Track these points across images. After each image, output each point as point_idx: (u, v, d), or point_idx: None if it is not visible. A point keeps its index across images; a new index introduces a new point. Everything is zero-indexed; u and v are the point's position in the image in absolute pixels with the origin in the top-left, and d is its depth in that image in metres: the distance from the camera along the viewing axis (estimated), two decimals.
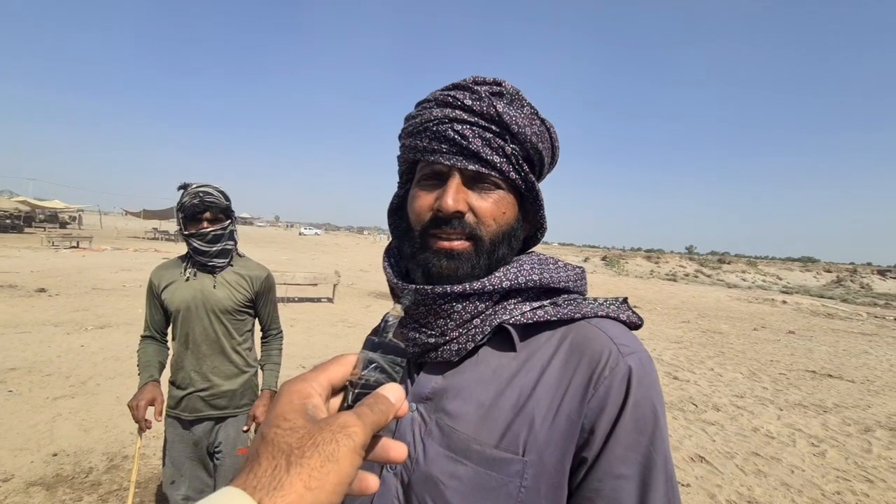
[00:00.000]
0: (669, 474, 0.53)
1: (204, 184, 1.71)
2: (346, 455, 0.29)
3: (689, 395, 5.40)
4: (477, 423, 0.56)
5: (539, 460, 0.53)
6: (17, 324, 6.23)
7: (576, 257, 43.75)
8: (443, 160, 0.58)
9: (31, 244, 18.90)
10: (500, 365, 0.59)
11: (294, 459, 0.28)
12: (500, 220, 0.60)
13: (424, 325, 0.61)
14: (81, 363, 4.85)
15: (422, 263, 0.60)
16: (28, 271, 11.14)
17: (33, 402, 3.78)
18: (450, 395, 0.59)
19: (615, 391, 0.53)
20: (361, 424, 0.31)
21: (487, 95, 0.58)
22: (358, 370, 0.37)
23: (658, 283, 25.83)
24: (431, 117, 0.59)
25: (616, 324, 0.60)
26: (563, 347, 0.58)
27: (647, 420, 0.52)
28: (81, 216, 42.33)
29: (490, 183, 0.59)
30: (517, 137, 0.59)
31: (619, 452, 0.51)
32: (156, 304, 1.81)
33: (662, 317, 12.30)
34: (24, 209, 29.86)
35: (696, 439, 4.06)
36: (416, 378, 0.63)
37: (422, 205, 0.60)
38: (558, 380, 0.56)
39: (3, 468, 2.81)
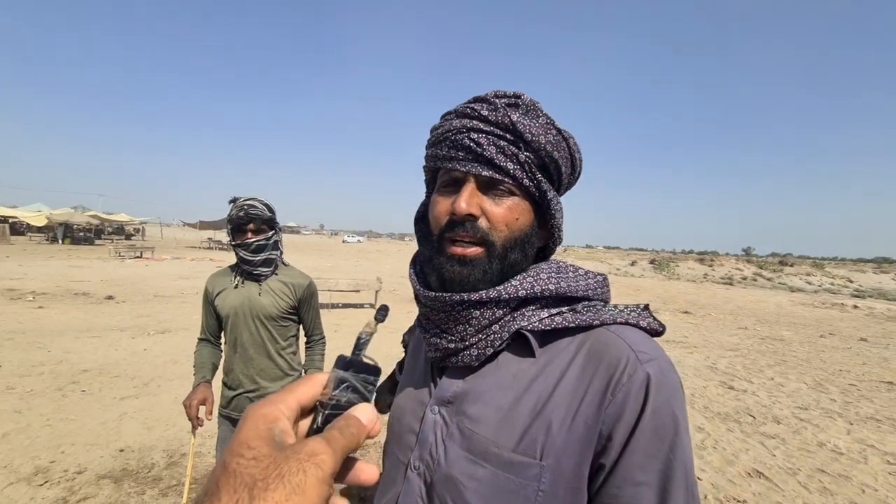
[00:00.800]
0: (690, 483, 0.52)
1: (250, 197, 1.81)
2: (313, 486, 0.27)
3: (747, 405, 5.08)
4: (496, 427, 0.57)
5: (556, 465, 0.53)
6: (90, 328, 6.78)
7: (622, 261, 42.39)
8: (459, 167, 0.60)
9: (100, 255, 20.57)
10: (520, 370, 0.60)
11: (257, 493, 0.26)
12: (512, 226, 0.61)
13: (445, 331, 0.62)
14: (144, 366, 5.21)
15: (436, 268, 0.62)
16: (98, 280, 12.12)
17: (103, 402, 4.11)
18: (470, 398, 0.61)
19: (633, 398, 0.53)
20: (331, 451, 0.29)
21: (503, 106, 0.60)
22: (329, 390, 0.35)
23: (712, 287, 24.52)
24: (451, 128, 0.62)
25: (636, 330, 0.60)
26: (582, 353, 0.58)
27: (666, 428, 0.52)
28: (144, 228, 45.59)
29: (504, 189, 0.61)
30: (531, 145, 0.60)
31: (638, 459, 0.51)
32: (210, 310, 1.93)
33: (716, 323, 11.65)
34: (94, 223, 32.56)
35: (754, 453, 3.81)
36: (439, 382, 0.65)
37: (440, 210, 0.62)
38: (576, 385, 0.56)
39: (77, 461, 3.06)
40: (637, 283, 24.96)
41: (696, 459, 3.65)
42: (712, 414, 4.75)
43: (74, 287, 10.60)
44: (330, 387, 0.35)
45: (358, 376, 0.37)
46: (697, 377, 6.17)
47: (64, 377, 4.66)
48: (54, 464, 3.01)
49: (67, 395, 4.21)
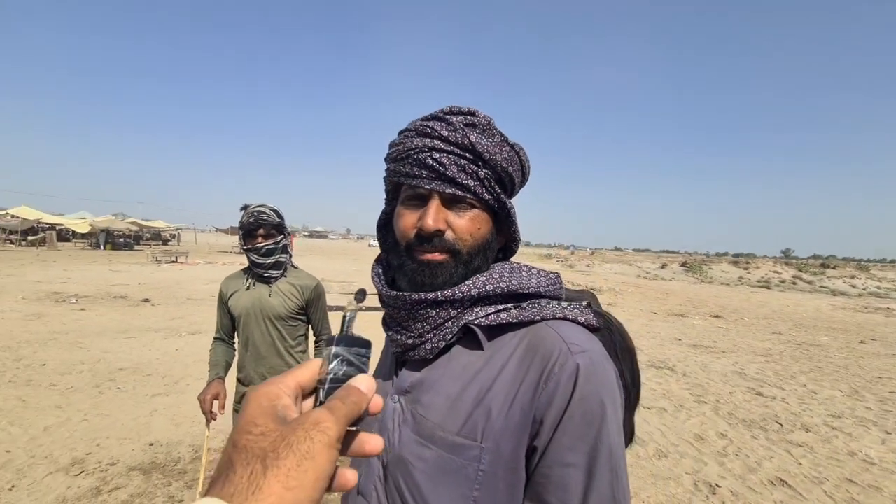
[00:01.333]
0: (614, 464, 0.56)
1: (260, 204, 1.92)
2: (321, 451, 0.29)
3: (774, 412, 4.90)
4: (444, 413, 0.62)
5: (495, 447, 0.58)
6: (126, 329, 7.15)
7: (652, 264, 41.39)
8: (424, 185, 0.65)
9: (139, 260, 21.55)
10: (469, 362, 0.65)
11: (269, 462, 0.27)
12: (475, 235, 0.67)
13: (404, 328, 0.69)
14: (175, 365, 5.46)
15: (408, 274, 0.67)
16: (136, 284, 12.73)
17: (136, 398, 4.33)
18: (424, 387, 0.66)
19: (563, 386, 0.57)
20: (334, 418, 0.30)
21: (461, 126, 0.65)
22: (325, 367, 0.37)
23: (746, 291, 23.65)
24: (413, 146, 0.66)
25: (572, 325, 0.64)
26: (521, 347, 0.63)
27: (594, 414, 0.56)
28: (180, 234, 47.48)
29: (466, 203, 0.66)
30: (489, 163, 0.66)
31: (567, 442, 0.56)
32: (224, 311, 2.04)
33: (748, 327, 11.25)
34: (134, 229, 34.17)
35: (779, 461, 3.69)
36: (400, 374, 0.71)
37: (406, 223, 0.67)
38: (514, 375, 0.61)
39: (110, 454, 3.25)
40: (666, 286, 24.31)
41: (716, 466, 3.56)
42: (737, 420, 4.61)
43: (114, 290, 11.18)
44: (326, 364, 0.37)
45: (350, 350, 0.38)
46: (724, 383, 5.99)
47: (101, 375, 4.94)
48: (90, 456, 3.21)
49: (104, 391, 4.47)
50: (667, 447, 3.87)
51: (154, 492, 2.81)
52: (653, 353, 7.61)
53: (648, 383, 5.74)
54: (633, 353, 1.78)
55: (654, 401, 5.09)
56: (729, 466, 3.57)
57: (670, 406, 4.96)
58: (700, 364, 6.99)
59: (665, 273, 35.78)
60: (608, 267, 39.92)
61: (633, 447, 3.74)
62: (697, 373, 6.45)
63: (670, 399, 5.20)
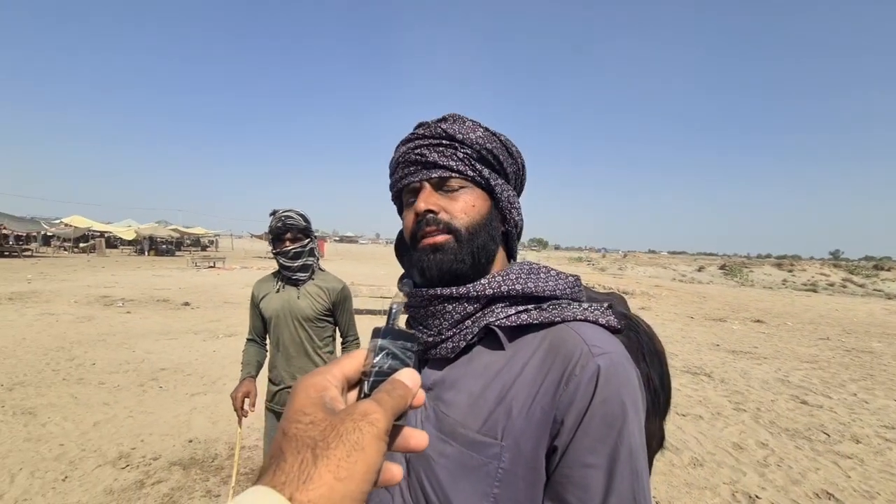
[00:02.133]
0: (635, 466, 0.56)
1: (288, 209, 1.99)
2: (371, 442, 0.28)
3: (821, 422, 4.65)
4: (465, 411, 0.64)
5: (515, 446, 0.59)
6: (168, 331, 7.49)
7: (688, 266, 39.97)
8: (414, 178, 0.70)
9: (179, 265, 22.55)
10: (491, 361, 0.66)
11: (320, 452, 0.27)
12: (470, 213, 0.69)
13: (424, 325, 0.71)
14: (213, 366, 5.68)
15: (416, 263, 0.70)
16: (177, 288, 13.32)
17: (176, 397, 4.54)
18: (446, 385, 0.68)
19: (584, 388, 0.58)
20: (382, 410, 0.30)
21: (434, 123, 0.72)
22: (370, 360, 0.37)
23: (790, 295, 22.48)
24: (401, 151, 0.73)
25: (593, 327, 0.65)
26: (542, 347, 0.64)
27: (615, 415, 0.56)
28: (218, 240, 49.36)
29: (455, 185, 0.70)
30: (464, 143, 0.70)
31: (588, 443, 0.56)
32: (255, 312, 2.12)
33: (793, 333, 10.70)
34: (175, 236, 35.77)
35: (825, 473, 3.49)
36: (423, 372, 0.73)
37: (409, 219, 0.71)
38: (535, 376, 0.62)
39: (153, 449, 3.42)
40: (703, 289, 23.42)
41: (756, 476, 3.41)
42: (779, 430, 4.40)
43: (157, 294, 11.74)
44: (371, 356, 0.37)
45: (396, 343, 0.38)
46: (765, 390, 5.73)
47: (145, 374, 5.20)
48: (134, 450, 3.38)
49: (147, 390, 4.70)
50: (703, 456, 3.74)
51: (193, 486, 2.93)
52: (688, 358, 7.36)
53: (683, 389, 5.55)
54: (662, 357, 1.72)
55: (689, 407, 4.92)
56: (770, 477, 3.41)
57: (707, 413, 4.78)
58: (739, 370, 6.71)
59: (702, 276, 34.46)
60: (641, 270, 38.83)
61: (667, 454, 3.63)
62: (736, 379, 6.19)
63: (707, 406, 5.01)
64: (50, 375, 5.00)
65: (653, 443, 1.55)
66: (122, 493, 2.82)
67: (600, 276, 30.40)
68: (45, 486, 2.86)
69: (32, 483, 2.89)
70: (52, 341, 6.46)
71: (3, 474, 2.97)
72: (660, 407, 1.52)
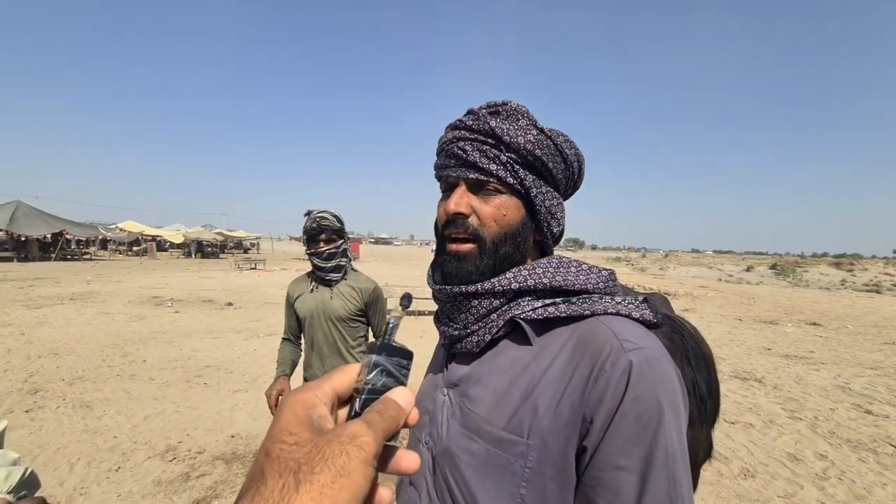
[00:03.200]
0: (672, 470, 0.51)
1: (322, 210, 2.01)
2: (357, 468, 0.27)
3: (888, 433, 4.28)
4: (491, 407, 0.62)
5: (542, 445, 0.56)
6: (212, 330, 7.82)
7: (735, 266, 38.19)
8: (451, 173, 0.68)
9: (223, 267, 23.56)
10: (517, 356, 0.64)
11: (303, 476, 0.26)
12: (500, 222, 0.66)
13: (451, 320, 0.69)
14: (253, 364, 5.87)
15: (439, 265, 0.70)
16: (221, 289, 13.89)
17: (220, 394, 4.71)
18: (472, 381, 0.66)
19: (614, 385, 0.54)
20: (372, 433, 0.29)
21: (484, 115, 0.67)
22: (363, 375, 0.35)
23: (850, 296, 20.96)
24: (445, 139, 0.70)
25: (626, 321, 0.60)
26: (571, 342, 0.60)
27: (650, 415, 0.52)
28: (259, 242, 51.29)
29: (492, 188, 0.66)
30: (511, 146, 0.65)
31: (619, 444, 0.52)
32: (290, 312, 2.16)
33: (853, 336, 9.96)
34: (219, 239, 37.42)
35: (894, 489, 3.20)
36: (449, 367, 0.71)
37: (440, 212, 0.70)
38: (563, 372, 0.58)
39: (198, 443, 3.56)
40: (752, 290, 22.22)
41: (815, 490, 3.18)
42: (840, 440, 4.08)
43: (203, 295, 12.29)
44: (364, 372, 0.35)
45: (391, 360, 0.36)
46: (823, 398, 5.34)
47: (191, 371, 5.44)
48: (181, 444, 3.53)
49: (193, 386, 4.91)
50: (754, 466, 3.51)
51: (234, 481, 3.02)
52: (737, 362, 6.98)
53: (732, 395, 5.27)
54: (710, 362, 1.61)
55: (738, 415, 4.66)
56: (830, 492, 3.16)
57: (758, 421, 4.50)
58: (794, 376, 6.30)
59: (751, 276, 32.73)
60: (684, 270, 37.31)
61: (714, 464, 3.44)
62: (791, 386, 5.81)
63: (758, 413, 4.73)
64: (105, 371, 5.31)
65: (700, 452, 1.45)
66: (170, 484, 2.94)
67: (640, 276, 29.45)
68: (100, 476, 3.02)
69: (89, 472, 3.06)
70: (108, 339, 6.87)
71: (63, 463, 3.17)
72: (707, 415, 1.42)
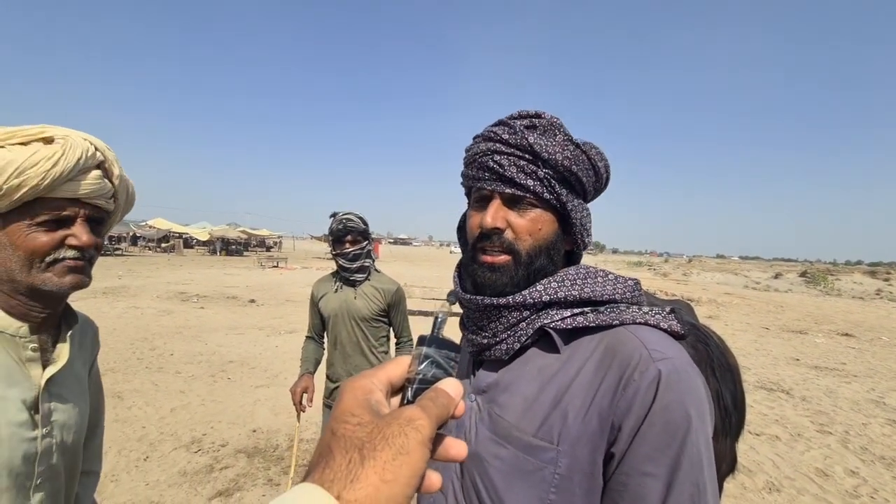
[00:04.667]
0: (698, 480, 0.52)
1: (347, 212, 2.06)
2: (416, 448, 0.29)
3: None
4: (520, 414, 0.63)
5: (571, 451, 0.57)
6: (236, 327, 8.01)
7: (763, 273, 37.00)
8: (486, 186, 0.68)
9: (247, 265, 24.07)
10: (545, 364, 0.65)
11: (367, 453, 0.28)
12: (536, 236, 0.67)
13: (480, 328, 0.70)
14: (275, 360, 5.99)
15: (471, 273, 0.70)
16: (245, 286, 14.21)
17: (242, 388, 4.83)
18: (501, 388, 0.67)
19: (643, 393, 0.55)
20: (427, 417, 0.31)
21: (521, 129, 0.66)
22: (414, 367, 0.37)
23: (886, 306, 20.09)
24: (478, 150, 0.70)
25: (653, 331, 0.62)
26: (599, 350, 0.61)
27: (678, 424, 0.53)
28: (281, 241, 52.24)
29: (527, 203, 0.67)
30: (548, 163, 0.65)
31: (646, 451, 0.54)
32: (315, 311, 2.21)
33: (889, 349, 9.55)
34: (243, 237, 38.26)
35: None
36: (477, 374, 0.72)
37: (472, 223, 0.71)
38: (591, 380, 0.59)
39: (222, 436, 3.66)
40: (781, 298, 21.53)
41: None
42: (873, 457, 3.93)
43: (227, 292, 12.60)
44: (415, 364, 0.37)
45: (440, 352, 0.38)
46: (855, 412, 5.15)
47: (215, 366, 5.59)
48: (205, 436, 3.64)
49: (217, 381, 5.04)
50: (780, 480, 3.42)
51: (256, 474, 3.10)
52: (763, 373, 6.78)
53: (757, 406, 5.12)
54: (735, 372, 1.57)
55: (764, 427, 4.53)
56: None
57: (785, 434, 4.37)
58: (823, 388, 6.08)
59: (779, 283, 31.71)
60: (708, 276, 36.39)
61: (738, 476, 3.35)
62: (820, 398, 5.62)
63: (785, 426, 4.59)
64: (135, 364, 5.50)
65: (722, 465, 1.42)
66: (195, 475, 3.03)
67: (662, 281, 28.88)
68: (130, 465, 3.14)
69: (119, 461, 3.18)
70: (137, 332, 7.11)
71: None
72: (731, 427, 1.39)
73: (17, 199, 0.71)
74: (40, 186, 0.72)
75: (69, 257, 0.77)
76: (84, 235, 0.78)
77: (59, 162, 0.73)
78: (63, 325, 0.88)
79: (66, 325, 0.88)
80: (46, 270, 0.76)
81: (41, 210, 0.74)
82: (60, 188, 0.74)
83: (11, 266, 0.74)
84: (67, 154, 0.74)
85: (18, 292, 0.77)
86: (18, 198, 0.71)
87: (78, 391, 0.89)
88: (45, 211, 0.74)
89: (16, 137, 0.73)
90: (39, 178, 0.71)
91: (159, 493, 2.81)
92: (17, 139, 0.73)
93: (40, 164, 0.71)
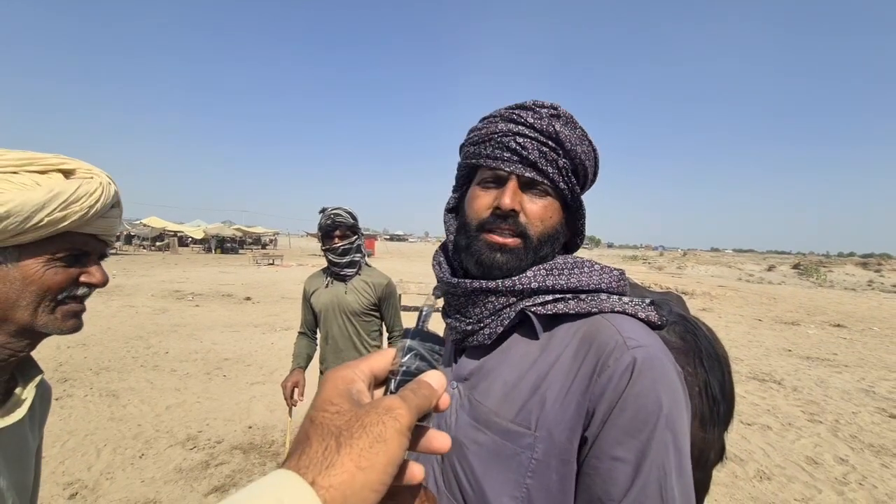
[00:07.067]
0: (663, 464, 0.53)
1: (336, 207, 2.06)
2: (393, 436, 0.29)
3: None
4: (500, 400, 0.64)
5: (549, 436, 0.59)
6: (232, 324, 7.99)
7: (756, 266, 37.30)
8: (504, 166, 0.67)
9: (242, 262, 23.97)
10: (526, 351, 0.66)
11: (344, 440, 0.28)
12: (546, 223, 0.68)
13: (463, 315, 0.71)
14: (270, 357, 6.00)
15: (475, 254, 0.68)
16: (240, 284, 14.17)
17: (238, 385, 4.83)
18: (482, 374, 0.68)
19: (616, 379, 0.56)
20: (406, 407, 0.31)
21: (547, 116, 0.67)
22: (398, 359, 0.38)
23: (877, 297, 20.28)
24: (497, 129, 0.68)
25: (630, 320, 0.63)
26: (577, 338, 0.62)
27: (649, 411, 0.54)
28: (276, 238, 52.06)
29: (541, 190, 0.67)
30: (570, 153, 0.67)
31: (616, 436, 0.55)
32: (307, 307, 2.22)
33: (880, 339, 9.66)
34: (238, 235, 38.07)
35: None
36: (458, 361, 0.73)
37: (481, 203, 0.69)
38: (569, 366, 0.61)
39: (217, 433, 3.66)
40: (774, 290, 21.68)
41: (834, 495, 3.12)
42: (862, 445, 3.99)
43: (222, 289, 12.56)
44: (399, 356, 0.38)
45: (424, 345, 0.39)
46: (845, 401, 5.22)
47: (211, 363, 5.58)
48: (201, 433, 3.64)
49: (213, 378, 5.04)
50: (770, 469, 3.47)
51: (252, 469, 3.11)
52: (755, 363, 6.85)
53: (749, 397, 5.18)
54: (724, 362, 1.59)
55: (755, 416, 4.59)
56: (850, 496, 3.10)
57: (776, 423, 4.43)
58: (815, 378, 6.16)
59: (773, 276, 31.91)
60: (703, 269, 36.57)
61: (729, 465, 3.40)
62: (811, 388, 5.68)
63: (776, 416, 4.65)
64: (130, 362, 5.49)
65: (711, 454, 1.44)
66: (190, 472, 3.04)
67: (657, 275, 28.99)
68: (125, 462, 3.14)
69: (115, 458, 3.18)
70: (132, 331, 7.09)
71: (91, 449, 3.30)
72: (719, 416, 1.40)
73: (51, 231, 0.66)
74: (81, 221, 0.68)
75: (80, 295, 0.73)
76: (99, 273, 0.75)
77: (101, 198, 0.70)
78: (18, 373, 0.73)
79: (23, 373, 0.74)
80: (53, 311, 0.69)
81: (63, 245, 0.68)
82: (93, 224, 0.71)
83: (17, 301, 0.66)
84: (106, 189, 0.71)
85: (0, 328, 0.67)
86: (53, 231, 0.66)
87: (22, 457, 0.72)
88: (67, 246, 0.69)
89: (34, 165, 0.67)
90: (83, 212, 0.67)
91: (155, 489, 2.82)
92: (35, 167, 0.67)
93: (83, 200, 0.68)
